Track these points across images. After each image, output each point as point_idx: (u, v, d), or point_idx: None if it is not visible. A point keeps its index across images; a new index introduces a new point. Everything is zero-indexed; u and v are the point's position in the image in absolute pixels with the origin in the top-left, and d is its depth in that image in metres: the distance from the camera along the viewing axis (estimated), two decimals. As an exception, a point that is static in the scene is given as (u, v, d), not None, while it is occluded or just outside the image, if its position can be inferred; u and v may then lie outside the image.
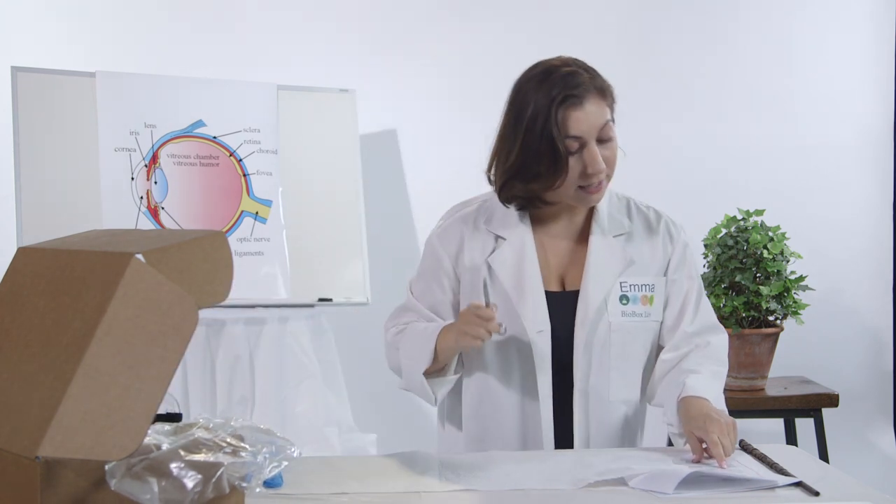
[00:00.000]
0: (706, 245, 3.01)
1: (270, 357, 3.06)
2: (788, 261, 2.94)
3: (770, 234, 2.93)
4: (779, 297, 2.89)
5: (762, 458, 1.55)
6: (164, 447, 1.22)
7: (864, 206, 3.58)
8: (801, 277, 2.93)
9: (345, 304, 3.17)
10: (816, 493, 1.37)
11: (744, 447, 1.62)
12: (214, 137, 3.11)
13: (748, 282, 2.87)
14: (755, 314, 2.89)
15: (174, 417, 1.36)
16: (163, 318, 1.13)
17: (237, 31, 3.46)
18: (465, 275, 1.81)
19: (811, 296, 2.98)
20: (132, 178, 3.00)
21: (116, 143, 2.99)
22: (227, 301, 1.24)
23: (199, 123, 3.10)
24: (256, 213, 3.12)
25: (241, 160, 3.13)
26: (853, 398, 3.35)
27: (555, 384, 1.77)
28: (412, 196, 3.53)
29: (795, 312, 2.92)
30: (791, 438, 3.05)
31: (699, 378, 1.70)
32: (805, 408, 2.95)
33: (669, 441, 3.06)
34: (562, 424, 1.77)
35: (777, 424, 3.16)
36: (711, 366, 1.76)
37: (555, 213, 1.82)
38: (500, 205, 1.81)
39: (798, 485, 1.41)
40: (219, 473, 1.20)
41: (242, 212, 3.11)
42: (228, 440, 1.28)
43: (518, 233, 1.80)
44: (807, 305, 2.95)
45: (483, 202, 1.86)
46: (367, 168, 3.30)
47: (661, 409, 1.76)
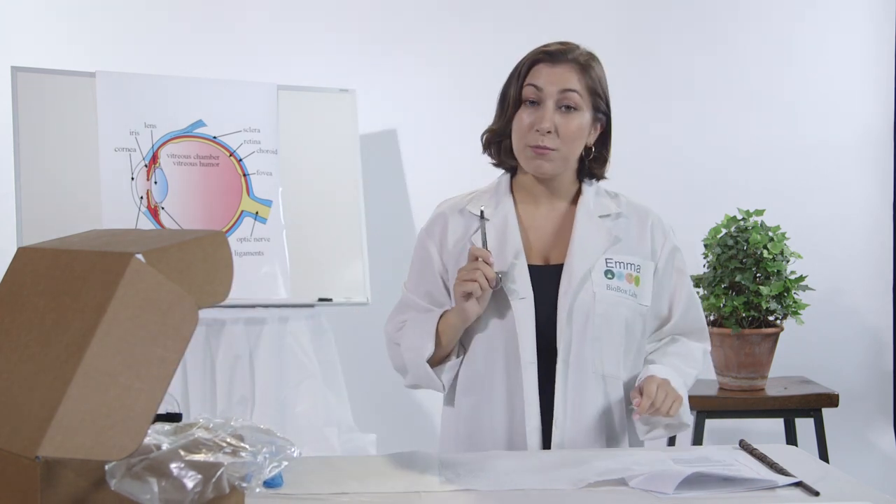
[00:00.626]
0: (706, 245, 3.02)
1: (270, 357, 3.06)
2: (788, 261, 2.94)
3: (770, 234, 2.94)
4: (779, 297, 2.90)
5: (762, 458, 1.55)
6: (164, 447, 1.22)
7: (864, 206, 3.58)
8: (801, 277, 2.93)
9: (345, 304, 3.17)
10: (816, 493, 1.37)
11: (744, 447, 1.62)
12: (214, 137, 3.11)
13: (748, 282, 2.87)
14: (755, 314, 2.90)
15: (174, 417, 1.36)
16: (163, 318, 1.13)
17: (237, 31, 3.46)
18: (451, 259, 1.84)
19: (811, 296, 2.98)
20: (132, 178, 3.00)
21: (116, 143, 3.00)
22: (227, 301, 1.24)
23: (199, 123, 3.10)
24: (256, 213, 3.12)
25: (241, 160, 3.13)
26: (853, 398, 3.35)
27: (541, 358, 1.76)
28: (412, 196, 3.53)
29: (795, 312, 2.92)
30: (791, 438, 3.06)
31: (662, 367, 1.79)
32: (805, 408, 2.95)
33: (669, 441, 3.07)
34: (547, 394, 1.77)
35: (777, 424, 3.16)
36: (681, 364, 1.83)
37: (538, 196, 1.85)
38: (487, 191, 1.88)
39: (798, 485, 1.41)
40: (219, 473, 1.20)
41: (242, 212, 3.11)
42: (228, 440, 1.28)
43: (501, 212, 1.84)
44: (807, 305, 2.95)
45: (471, 192, 1.91)
46: (367, 168, 3.30)
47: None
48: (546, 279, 1.78)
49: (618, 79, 1.81)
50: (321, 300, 3.13)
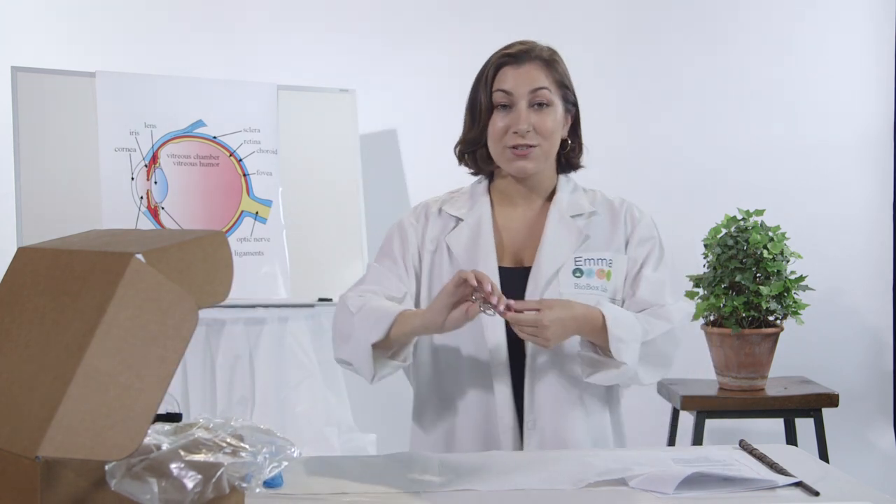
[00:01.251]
0: (706, 245, 3.01)
1: (270, 357, 3.06)
2: (788, 261, 2.94)
3: (770, 234, 2.93)
4: (779, 297, 2.89)
5: (762, 458, 1.55)
6: (164, 447, 1.22)
7: (864, 206, 3.58)
8: (801, 277, 2.93)
9: (345, 304, 3.17)
10: (816, 493, 1.37)
11: (744, 447, 1.62)
12: (214, 137, 3.11)
13: (748, 282, 2.87)
14: (755, 314, 2.89)
15: (174, 417, 1.36)
16: (163, 318, 1.13)
17: (237, 31, 3.46)
18: (427, 253, 1.84)
19: (811, 296, 2.98)
20: (132, 178, 3.00)
21: (116, 143, 3.00)
22: (227, 301, 1.24)
23: (199, 123, 3.10)
24: (256, 213, 3.12)
25: (241, 160, 3.13)
26: (853, 398, 3.35)
27: (513, 364, 1.76)
28: (412, 196, 3.53)
29: (795, 312, 2.92)
30: (791, 438, 3.06)
31: (619, 309, 1.72)
32: (805, 408, 2.94)
33: (669, 441, 3.07)
34: (520, 399, 1.76)
35: (777, 424, 3.16)
36: (648, 316, 1.74)
37: (514, 197, 1.86)
38: (463, 192, 1.90)
39: (798, 485, 1.41)
40: (219, 473, 1.19)
41: (242, 212, 3.11)
42: (228, 440, 1.28)
43: (476, 214, 1.85)
44: (807, 305, 2.95)
45: (450, 193, 1.93)
46: (367, 168, 3.30)
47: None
48: (516, 281, 1.78)
49: (618, 79, 1.81)
50: (321, 300, 3.13)
